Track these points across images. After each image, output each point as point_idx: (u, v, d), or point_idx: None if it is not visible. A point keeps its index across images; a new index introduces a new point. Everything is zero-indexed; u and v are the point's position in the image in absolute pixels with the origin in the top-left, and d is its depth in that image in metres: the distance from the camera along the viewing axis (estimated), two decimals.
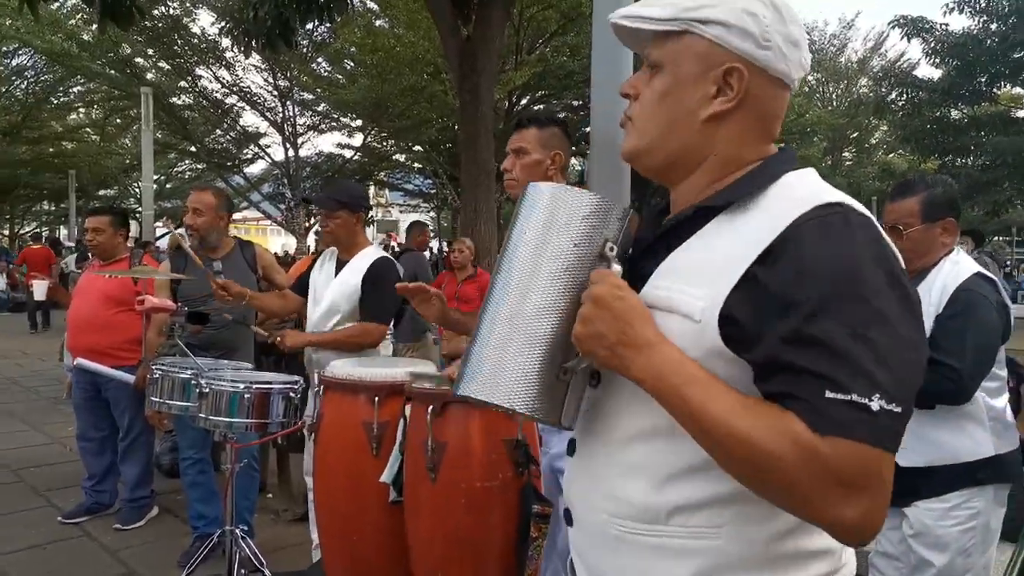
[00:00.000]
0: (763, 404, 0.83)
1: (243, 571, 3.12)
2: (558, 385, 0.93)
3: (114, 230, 4.18)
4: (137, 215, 30.17)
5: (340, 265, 3.24)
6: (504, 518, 1.91)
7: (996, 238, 26.95)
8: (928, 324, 2.08)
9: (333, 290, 3.17)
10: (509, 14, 7.60)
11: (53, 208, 31.61)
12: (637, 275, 0.97)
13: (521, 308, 0.92)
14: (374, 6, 16.08)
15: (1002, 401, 2.16)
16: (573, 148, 2.58)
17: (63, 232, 27.62)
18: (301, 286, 3.40)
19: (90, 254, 4.67)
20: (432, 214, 33.44)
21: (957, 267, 2.16)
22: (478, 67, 6.44)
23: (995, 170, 18.38)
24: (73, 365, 4.37)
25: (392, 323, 3.30)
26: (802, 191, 0.90)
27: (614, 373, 0.92)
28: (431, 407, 1.91)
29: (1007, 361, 2.29)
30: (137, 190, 28.53)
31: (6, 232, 31.34)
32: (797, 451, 0.77)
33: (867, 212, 0.87)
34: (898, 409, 0.78)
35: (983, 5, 18.30)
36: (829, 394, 0.77)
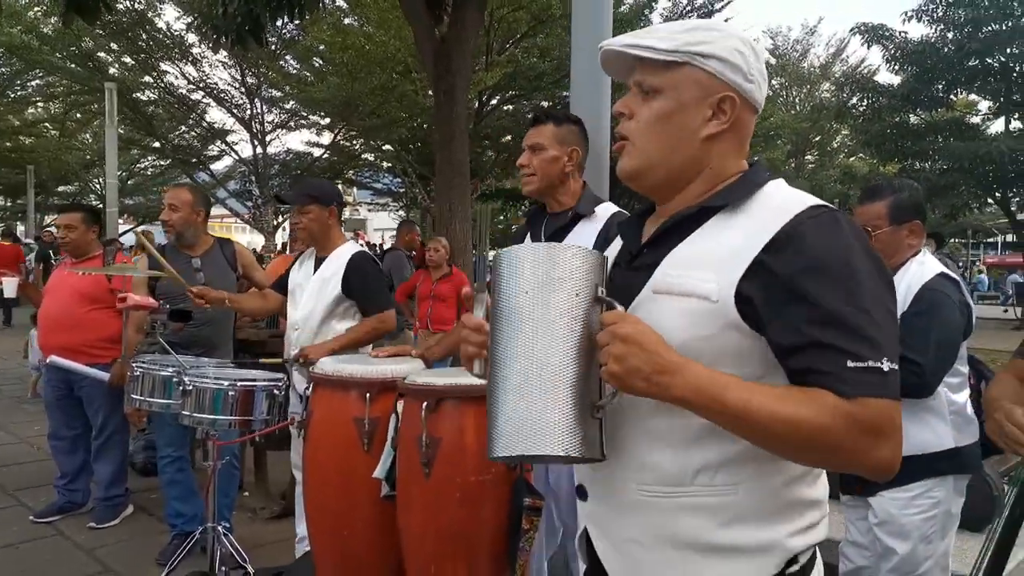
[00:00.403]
0: (792, 389, 0.97)
1: (224, 568, 3.14)
2: (593, 422, 1.00)
3: (86, 227, 4.14)
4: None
5: (319, 263, 3.24)
6: (496, 511, 1.96)
7: (952, 240, 27.72)
8: None
9: (313, 287, 3.18)
10: (483, 15, 7.64)
11: (10, 204, 30.79)
12: (638, 268, 1.13)
13: (545, 360, 0.97)
14: (343, 3, 15.97)
15: (963, 396, 2.28)
16: None
17: (20, 228, 26.93)
18: (281, 286, 3.40)
19: (60, 252, 4.60)
20: (401, 213, 33.31)
21: (923, 267, 2.27)
22: (453, 68, 6.48)
23: (952, 174, 18.90)
24: (43, 363, 4.31)
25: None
26: (788, 195, 1.08)
27: None
28: (426, 403, 1.96)
29: (969, 359, 2.41)
30: (98, 186, 27.94)
31: None
32: (837, 418, 0.93)
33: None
34: (896, 367, 0.97)
35: (940, 14, 18.81)
36: (850, 364, 0.94)
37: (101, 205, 27.03)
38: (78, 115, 23.93)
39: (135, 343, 3.64)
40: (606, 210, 2.35)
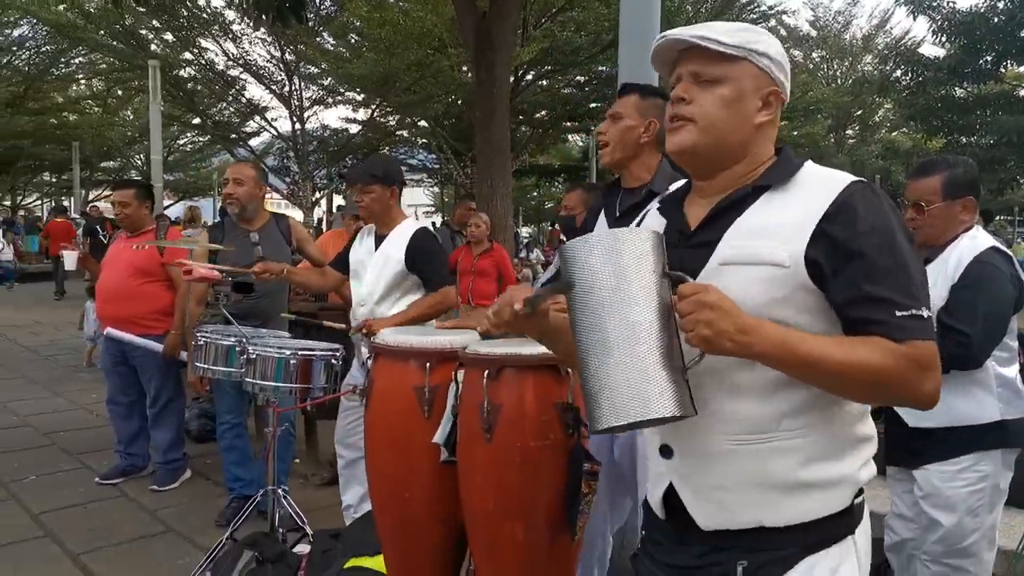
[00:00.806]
0: (852, 338, 1.13)
1: (283, 529, 3.28)
2: (683, 384, 1.10)
3: (139, 202, 4.29)
4: None
5: (379, 240, 3.31)
6: (553, 475, 2.03)
7: (998, 217, 27.01)
8: (944, 294, 2.21)
9: (376, 264, 3.26)
10: None
11: (55, 180, 31.55)
12: (695, 245, 1.25)
13: (637, 335, 1.08)
14: None
15: (1013, 371, 2.28)
16: (576, 123, 2.66)
17: (65, 203, 27.61)
18: (341, 263, 3.49)
19: (106, 226, 4.75)
20: (436, 189, 33.40)
21: (975, 241, 2.27)
22: (494, 44, 6.49)
23: (1000, 149, 18.37)
24: (100, 333, 4.50)
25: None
26: (826, 173, 1.24)
27: None
28: (487, 371, 2.03)
29: (1021, 336, 2.42)
30: (139, 161, 28.50)
31: (7, 203, 31.32)
32: (895, 359, 1.09)
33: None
34: (931, 314, 1.15)
35: None
36: (899, 313, 1.11)
37: (142, 180, 27.65)
38: (119, 92, 24.38)
39: (197, 315, 3.79)
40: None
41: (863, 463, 1.25)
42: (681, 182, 2.41)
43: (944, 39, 19.30)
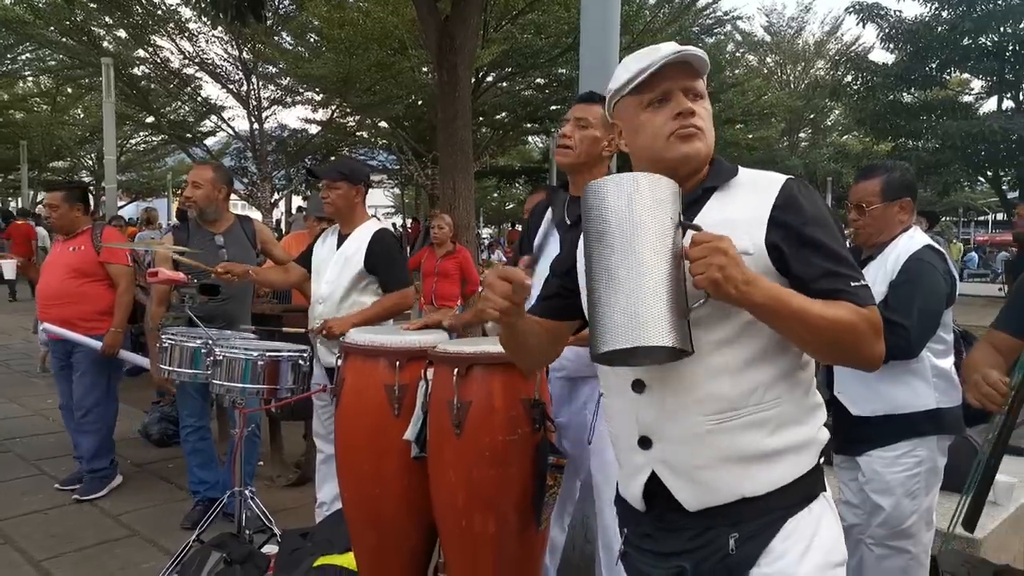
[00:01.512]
0: (827, 300, 1.26)
1: (249, 530, 3.29)
2: (684, 323, 1.18)
3: (69, 205, 4.17)
4: (91, 189, 29.32)
5: (341, 239, 3.36)
6: (522, 469, 2.10)
7: (944, 218, 27.92)
8: (884, 289, 2.35)
9: (337, 263, 3.30)
10: None
11: (1, 180, 30.60)
12: None
13: (647, 269, 1.16)
14: None
15: (948, 362, 2.43)
16: (537, 125, 2.76)
17: (12, 205, 26.78)
18: (305, 259, 3.53)
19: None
20: (396, 191, 33.22)
21: (911, 240, 2.43)
22: (456, 46, 6.54)
23: (945, 152, 19.06)
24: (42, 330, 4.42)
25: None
26: (762, 174, 1.39)
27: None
28: (456, 369, 2.10)
29: (961, 333, 2.58)
30: (90, 161, 27.80)
31: None
32: (861, 319, 1.26)
33: None
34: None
35: None
36: (853, 284, 1.28)
37: (93, 181, 27.00)
38: (69, 90, 23.75)
39: (159, 316, 3.76)
40: None
41: (820, 425, 1.39)
42: None
43: (892, 46, 19.96)
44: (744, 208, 1.33)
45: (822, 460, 1.39)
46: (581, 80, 3.65)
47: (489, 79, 17.61)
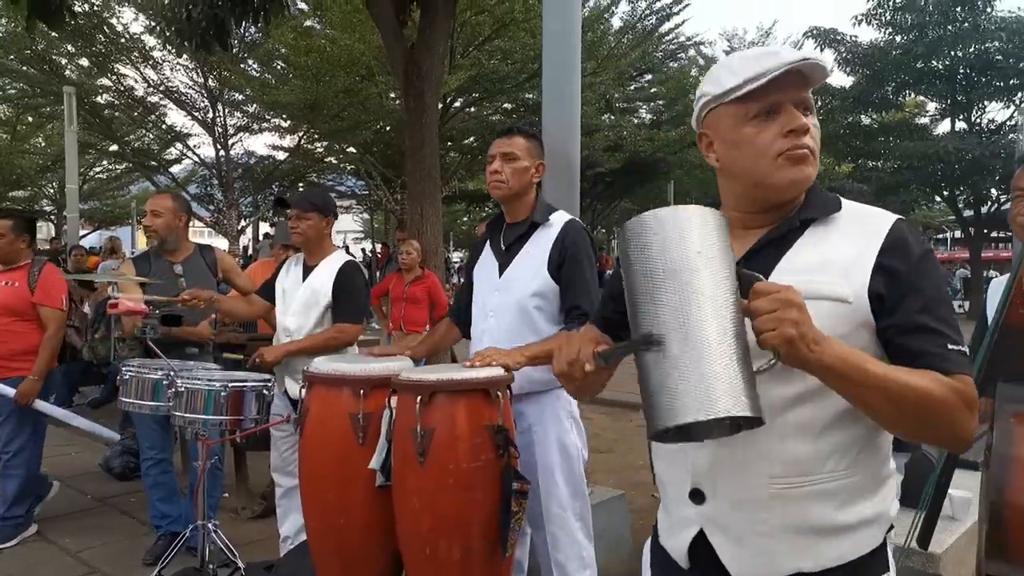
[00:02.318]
0: (912, 369, 1.09)
1: (213, 564, 3.23)
2: (754, 384, 1.01)
3: (15, 235, 3.99)
4: (52, 218, 28.73)
5: (308, 270, 3.34)
6: (487, 496, 2.10)
7: None
8: None
9: (303, 295, 3.28)
10: (451, 21, 7.78)
11: None
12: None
13: (712, 328, 0.98)
14: (304, 7, 15.93)
15: None
16: None
17: None
18: (268, 291, 3.50)
19: None
20: (365, 215, 33.14)
21: None
22: (423, 73, 6.58)
23: (903, 173, 19.59)
24: None
25: None
26: (867, 209, 1.22)
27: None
28: (420, 397, 2.09)
29: None
30: (51, 190, 27.31)
31: None
32: (951, 391, 1.07)
33: None
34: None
35: (888, 18, 19.46)
36: (950, 346, 1.10)
37: (55, 209, 26.50)
38: (30, 118, 23.37)
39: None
40: (560, 218, 2.58)
41: (892, 498, 1.24)
42: (557, 213, 2.60)
43: (849, 70, 20.53)
44: (847, 248, 1.15)
45: (888, 535, 1.24)
46: (543, 108, 3.72)
47: (457, 104, 17.74)
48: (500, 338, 2.48)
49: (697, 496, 1.22)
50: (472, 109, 18.71)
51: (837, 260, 1.14)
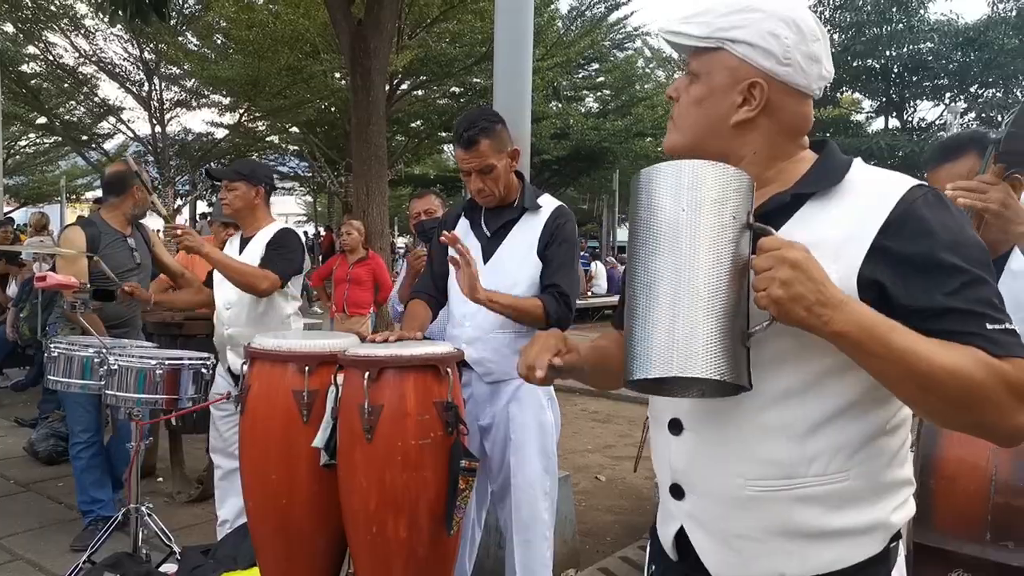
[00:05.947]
0: (947, 342, 0.95)
1: (146, 549, 3.12)
2: (742, 350, 0.96)
3: None
4: None
5: (244, 243, 3.26)
6: (435, 473, 2.07)
7: None
8: None
9: None
10: None
11: None
12: None
13: (697, 281, 0.93)
14: None
15: None
16: (452, 134, 2.75)
17: None
18: (210, 274, 3.39)
19: None
20: (308, 198, 32.48)
21: None
22: (370, 50, 6.46)
23: None
24: None
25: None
26: (880, 176, 1.07)
27: None
28: (367, 372, 2.05)
29: None
30: None
31: None
32: (992, 373, 0.93)
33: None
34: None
35: (827, 16, 20.00)
36: (990, 326, 0.95)
37: None
38: None
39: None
40: (548, 202, 2.55)
41: (898, 506, 1.10)
42: (544, 196, 2.56)
43: None
44: (843, 224, 1.02)
45: (892, 545, 1.10)
46: (495, 89, 3.68)
47: (404, 87, 17.47)
48: (485, 324, 2.45)
49: (677, 492, 1.17)
50: (420, 92, 18.47)
51: (828, 240, 1.01)
